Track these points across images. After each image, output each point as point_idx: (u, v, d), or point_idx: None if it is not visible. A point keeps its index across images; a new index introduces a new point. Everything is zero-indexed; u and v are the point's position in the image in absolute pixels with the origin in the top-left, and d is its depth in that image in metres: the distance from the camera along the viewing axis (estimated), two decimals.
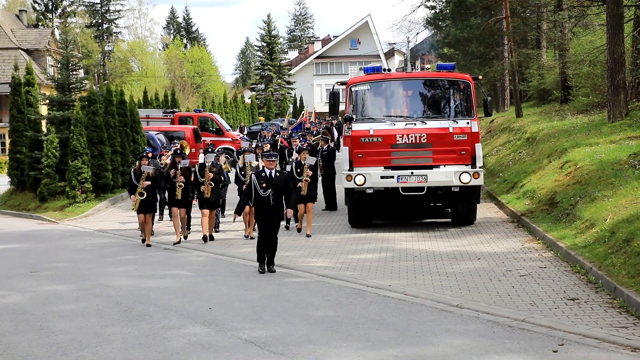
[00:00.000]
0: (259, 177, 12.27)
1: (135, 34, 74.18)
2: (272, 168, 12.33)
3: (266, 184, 12.18)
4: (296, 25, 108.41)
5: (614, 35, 19.88)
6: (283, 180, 12.47)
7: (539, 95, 34.10)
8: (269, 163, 12.42)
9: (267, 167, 12.38)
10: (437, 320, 9.07)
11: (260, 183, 12.20)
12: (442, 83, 16.32)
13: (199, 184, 15.62)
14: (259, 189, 12.17)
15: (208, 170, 15.58)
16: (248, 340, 8.42)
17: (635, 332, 8.18)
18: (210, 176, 15.55)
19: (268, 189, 12.17)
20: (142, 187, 15.53)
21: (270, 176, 12.27)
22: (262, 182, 12.20)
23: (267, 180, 12.22)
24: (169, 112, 36.69)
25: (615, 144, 17.12)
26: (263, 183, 12.19)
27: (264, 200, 12.20)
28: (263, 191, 12.17)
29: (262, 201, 12.22)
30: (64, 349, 8.32)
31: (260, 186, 12.17)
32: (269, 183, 12.20)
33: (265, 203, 12.19)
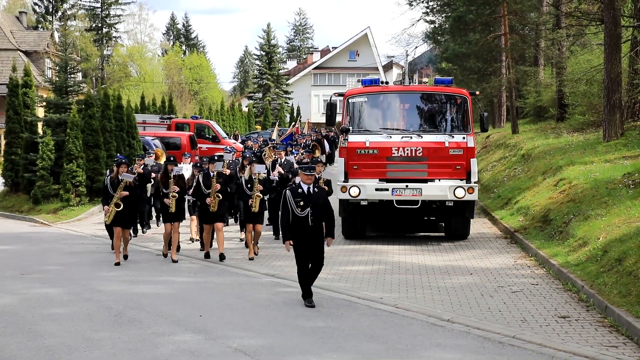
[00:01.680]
0: (294, 193, 10.52)
1: (135, 39, 74.25)
2: (311, 183, 10.58)
3: (304, 202, 10.44)
4: (295, 36, 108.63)
5: (611, 55, 19.98)
6: (322, 197, 10.72)
7: (535, 112, 34.21)
8: (307, 178, 10.58)
9: (305, 182, 10.57)
10: (428, 334, 9.06)
11: (297, 201, 10.45)
12: (439, 97, 16.36)
13: (203, 195, 14.24)
14: (295, 207, 10.42)
15: (215, 180, 14.18)
16: (238, 349, 8.39)
17: (625, 352, 8.18)
18: (218, 187, 14.13)
19: (306, 208, 10.44)
20: (119, 197, 13.97)
21: (309, 193, 10.53)
22: (299, 199, 10.46)
23: (305, 197, 10.48)
24: (166, 118, 36.65)
25: (610, 163, 17.17)
26: (300, 201, 10.44)
27: (301, 221, 10.46)
28: (300, 210, 10.43)
29: (299, 222, 10.48)
30: (52, 353, 8.28)
31: (297, 204, 10.43)
32: (307, 201, 10.46)
33: (303, 224, 10.46)
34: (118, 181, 14.08)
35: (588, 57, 26.69)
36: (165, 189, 14.27)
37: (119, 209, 13.94)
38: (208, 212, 14.21)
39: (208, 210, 14.17)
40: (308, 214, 10.46)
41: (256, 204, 14.20)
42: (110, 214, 14.01)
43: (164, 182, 14.35)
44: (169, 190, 14.16)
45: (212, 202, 14.06)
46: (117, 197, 13.98)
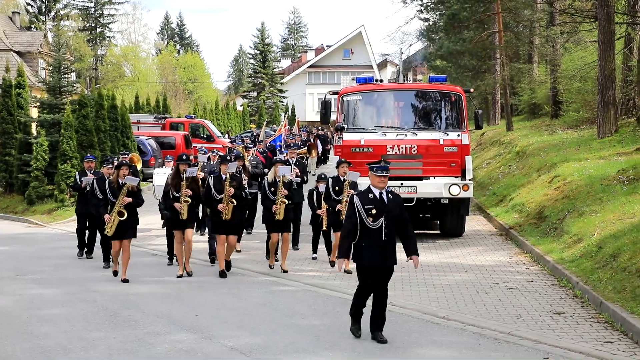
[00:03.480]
0: (364, 199, 8.60)
1: (129, 39, 74.04)
2: (384, 187, 8.67)
3: (377, 211, 8.54)
4: (290, 34, 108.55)
5: (605, 52, 20.03)
6: (399, 205, 8.73)
7: (529, 109, 34.30)
8: (379, 180, 8.61)
9: (377, 185, 8.64)
10: (424, 331, 9.07)
11: (368, 209, 8.54)
12: (433, 95, 16.37)
13: (215, 201, 12.47)
14: (366, 217, 8.54)
15: (228, 184, 12.42)
16: (234, 348, 8.39)
17: (620, 347, 8.20)
18: (232, 192, 12.37)
19: (379, 218, 8.54)
20: (122, 204, 12.11)
21: (382, 199, 8.59)
22: (370, 207, 8.55)
23: (378, 204, 8.56)
24: (160, 118, 36.63)
25: (604, 159, 17.21)
26: (372, 209, 8.55)
27: (373, 233, 8.53)
28: (372, 221, 8.53)
29: (370, 235, 8.55)
30: (47, 353, 8.26)
31: (368, 213, 8.53)
32: (380, 209, 8.55)
33: (375, 238, 8.55)
34: (119, 186, 12.22)
35: (582, 54, 26.76)
36: (177, 192, 12.50)
37: (122, 218, 12.09)
38: (221, 221, 12.48)
39: (221, 218, 12.46)
40: (382, 225, 8.53)
41: (281, 211, 12.67)
42: (113, 225, 12.12)
43: (175, 184, 12.53)
44: (181, 193, 12.46)
45: (226, 209, 12.37)
46: (119, 205, 12.08)
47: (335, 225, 12.61)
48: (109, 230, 12.19)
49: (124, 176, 12.22)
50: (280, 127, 31.82)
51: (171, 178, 12.69)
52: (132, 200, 12.17)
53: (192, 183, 12.60)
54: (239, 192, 12.55)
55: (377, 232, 8.53)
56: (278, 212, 12.64)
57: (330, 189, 12.93)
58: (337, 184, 12.90)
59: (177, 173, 12.60)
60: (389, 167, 8.83)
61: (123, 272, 12.34)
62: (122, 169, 12.31)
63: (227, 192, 12.33)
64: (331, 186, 12.94)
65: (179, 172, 12.57)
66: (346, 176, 12.77)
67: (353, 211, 8.62)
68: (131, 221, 12.32)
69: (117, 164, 12.78)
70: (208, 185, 12.55)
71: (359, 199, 8.65)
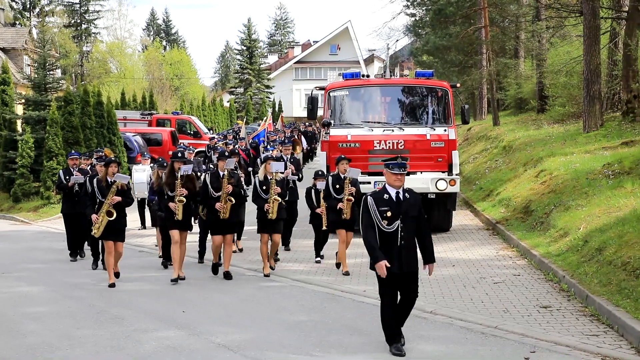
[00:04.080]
0: (379, 201, 7.76)
1: (115, 35, 73.65)
2: (400, 186, 7.83)
3: (392, 213, 7.71)
4: (276, 30, 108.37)
5: (591, 47, 20.12)
6: (417, 206, 7.89)
7: (516, 104, 34.42)
8: (396, 179, 7.77)
9: (393, 184, 7.80)
10: (411, 326, 9.07)
11: (383, 211, 7.72)
12: (420, 90, 16.39)
13: (210, 199, 11.87)
14: (380, 221, 7.72)
15: (226, 181, 11.83)
16: (221, 344, 8.38)
17: (605, 340, 8.25)
18: (230, 189, 11.77)
19: (395, 221, 7.73)
20: (111, 203, 11.48)
21: (398, 199, 7.78)
22: (385, 209, 7.72)
23: (395, 205, 7.75)
24: (147, 114, 36.51)
25: (590, 154, 17.29)
26: (387, 211, 7.71)
27: (389, 238, 7.76)
28: (387, 224, 7.74)
29: (386, 240, 7.77)
30: (33, 351, 8.22)
31: (383, 216, 7.71)
32: (396, 211, 7.73)
33: (391, 243, 7.77)
34: (107, 184, 11.57)
35: (568, 48, 26.86)
36: (171, 191, 11.81)
37: (111, 218, 11.42)
38: (218, 221, 11.85)
39: (218, 218, 11.82)
40: (398, 228, 7.75)
41: (274, 210, 11.96)
42: (101, 225, 11.45)
43: (170, 183, 11.85)
44: (176, 192, 11.74)
45: (224, 208, 11.73)
46: (108, 204, 11.45)
47: (337, 224, 12.27)
48: (96, 231, 11.50)
49: (113, 174, 11.60)
50: (263, 123, 31.34)
51: (165, 177, 11.98)
52: (121, 200, 11.56)
53: (187, 182, 11.85)
54: (238, 189, 11.96)
55: (393, 237, 7.73)
56: (271, 211, 11.95)
57: (331, 187, 12.44)
58: (338, 181, 12.41)
59: (172, 171, 11.87)
60: (405, 163, 7.89)
61: (111, 274, 11.71)
62: (111, 166, 11.65)
63: (225, 190, 11.72)
64: (331, 184, 12.46)
65: (173, 171, 11.84)
66: (347, 173, 12.31)
67: (368, 215, 7.75)
68: (120, 222, 11.66)
69: (106, 160, 12.06)
70: (205, 182, 11.97)
71: (373, 200, 7.77)
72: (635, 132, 18.43)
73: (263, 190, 12.09)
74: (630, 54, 19.86)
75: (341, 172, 12.46)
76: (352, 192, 12.22)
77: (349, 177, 12.27)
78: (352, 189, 12.22)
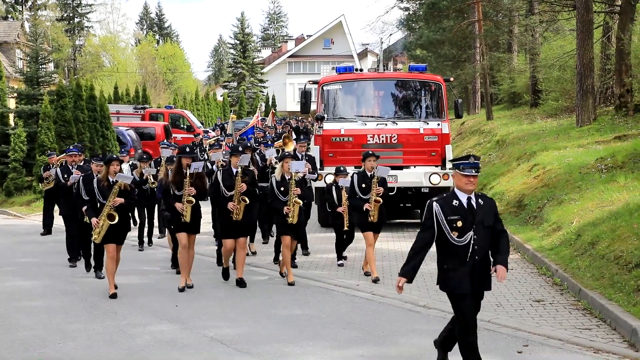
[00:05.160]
0: (447, 207, 6.55)
1: (107, 29, 73.35)
2: (472, 191, 6.61)
3: (464, 223, 6.51)
4: (270, 24, 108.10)
5: (584, 41, 20.14)
6: (492, 213, 6.69)
7: (509, 98, 34.46)
8: (468, 181, 6.55)
9: (464, 188, 6.59)
10: (404, 320, 9.10)
11: (453, 221, 6.51)
12: (413, 84, 16.41)
13: (223, 199, 10.82)
14: (449, 232, 6.53)
15: (240, 179, 10.80)
16: (214, 338, 8.37)
17: (598, 334, 8.27)
18: (244, 188, 10.74)
19: (467, 232, 6.51)
20: (113, 205, 10.33)
21: (471, 206, 6.57)
22: (455, 218, 6.51)
23: (466, 214, 6.54)
24: (140, 108, 36.40)
25: (583, 148, 17.32)
26: (457, 220, 6.51)
27: (459, 252, 6.57)
28: (458, 236, 6.52)
29: (456, 255, 6.60)
30: (26, 346, 8.20)
31: (453, 227, 6.51)
32: (469, 221, 6.52)
33: (462, 258, 6.58)
34: (109, 184, 10.44)
35: (561, 43, 26.92)
36: (178, 190, 10.69)
37: (113, 222, 10.27)
38: (230, 222, 10.84)
39: (230, 219, 10.83)
40: (470, 240, 6.54)
41: (295, 214, 10.95)
42: (102, 230, 10.36)
43: (177, 181, 10.73)
44: (184, 192, 10.65)
45: (237, 208, 10.71)
46: (110, 207, 10.31)
47: (363, 226, 11.26)
48: (96, 237, 10.42)
49: (115, 173, 10.48)
50: (253, 119, 29.95)
51: (172, 174, 10.80)
52: (124, 201, 10.44)
53: (196, 180, 10.73)
54: (252, 188, 10.90)
55: (464, 250, 6.53)
56: (291, 214, 10.93)
57: (356, 186, 11.34)
58: (364, 180, 11.33)
59: (180, 168, 10.71)
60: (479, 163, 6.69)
61: (111, 285, 10.60)
62: (113, 165, 10.53)
63: (239, 189, 10.68)
64: (356, 183, 11.35)
65: (181, 168, 10.69)
66: (374, 171, 11.25)
67: (431, 223, 6.56)
68: (123, 225, 10.57)
69: (107, 158, 10.90)
70: (216, 180, 10.91)
71: (439, 207, 6.55)
72: (628, 126, 18.48)
73: (281, 191, 11.05)
74: (623, 48, 19.89)
75: (368, 170, 11.34)
76: (379, 193, 11.19)
77: (376, 176, 11.24)
78: (379, 189, 11.19)
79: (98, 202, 10.49)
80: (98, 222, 10.35)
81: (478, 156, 6.82)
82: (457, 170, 6.62)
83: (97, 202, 10.51)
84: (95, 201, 10.54)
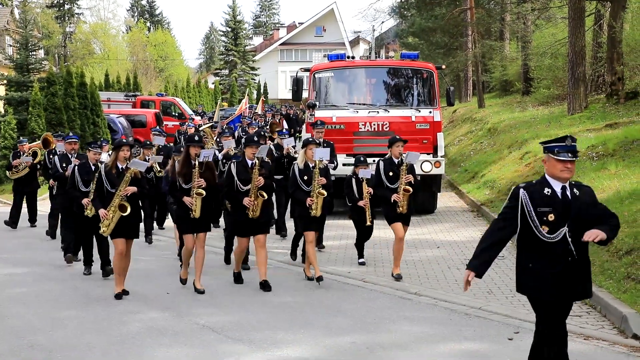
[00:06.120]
0: (536, 198, 5.57)
1: (98, 16, 72.94)
2: (568, 179, 5.62)
3: (557, 216, 5.53)
4: (262, 11, 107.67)
5: (576, 29, 20.14)
6: (591, 204, 5.68)
7: (501, 86, 34.50)
8: (563, 168, 5.57)
9: (558, 176, 5.59)
10: (395, 307, 9.11)
11: (543, 214, 5.54)
12: (405, 72, 16.38)
13: (239, 193, 9.77)
14: (538, 226, 5.56)
15: (257, 172, 9.74)
16: (205, 325, 8.36)
17: (588, 321, 8.31)
18: (261, 182, 9.69)
19: (561, 227, 5.53)
20: (124, 195, 9.45)
21: (565, 197, 5.58)
22: (546, 210, 5.53)
23: (560, 206, 5.55)
24: (131, 96, 36.24)
25: (574, 135, 17.35)
26: (549, 213, 5.53)
27: (551, 251, 5.58)
28: (548, 231, 5.54)
29: (545, 253, 5.60)
30: (17, 333, 8.17)
31: (543, 220, 5.55)
32: (563, 214, 5.54)
33: (554, 257, 5.58)
34: (118, 172, 9.58)
35: (553, 30, 26.91)
36: (186, 183, 9.64)
37: (125, 213, 9.42)
38: (245, 219, 9.79)
39: (245, 215, 9.76)
40: (565, 237, 5.53)
41: (318, 206, 10.14)
42: (112, 222, 9.49)
43: (184, 172, 9.64)
44: (192, 184, 9.59)
45: (254, 204, 9.68)
46: (121, 197, 9.43)
47: (391, 218, 10.33)
48: (105, 229, 9.54)
49: (125, 159, 9.60)
50: (239, 108, 29.39)
51: (180, 165, 9.72)
52: (136, 190, 9.55)
53: (207, 171, 9.71)
54: (269, 182, 9.89)
55: (557, 249, 5.52)
56: (315, 206, 10.10)
57: (382, 174, 10.32)
58: (391, 167, 10.28)
59: (187, 159, 9.62)
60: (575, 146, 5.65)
61: (121, 282, 9.75)
62: (123, 150, 9.62)
63: (256, 183, 9.66)
64: (383, 171, 10.32)
65: (189, 158, 9.61)
66: (404, 157, 10.21)
67: (515, 214, 5.62)
68: (136, 216, 9.78)
69: (117, 143, 10.05)
70: (230, 173, 9.86)
71: (527, 195, 5.57)
72: (620, 114, 18.52)
73: (304, 181, 10.17)
74: (614, 36, 19.90)
75: (395, 157, 10.31)
76: (409, 181, 10.15)
77: (406, 163, 10.18)
78: (409, 177, 10.14)
79: (106, 190, 9.60)
80: (107, 214, 9.46)
81: (575, 137, 5.76)
82: (550, 154, 5.60)
83: (104, 192, 9.61)
84: (102, 191, 9.63)
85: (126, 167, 9.54)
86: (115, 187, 9.49)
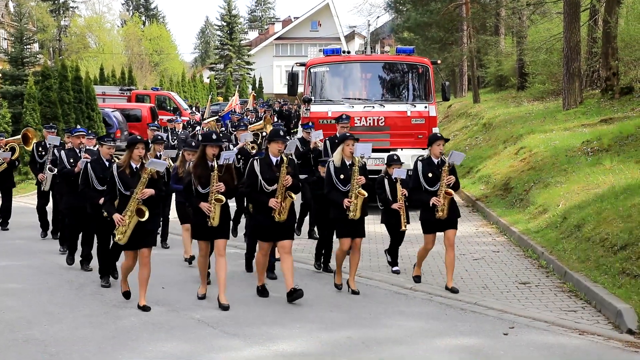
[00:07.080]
0: None
1: (93, 10, 72.84)
2: None
3: None
4: (257, 5, 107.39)
5: (571, 24, 20.16)
6: None
7: (496, 81, 34.50)
8: None
9: None
10: (391, 302, 9.12)
11: None
12: (400, 66, 16.39)
13: (263, 194, 8.77)
14: None
15: (285, 170, 8.73)
16: (201, 320, 8.36)
17: (583, 316, 8.33)
18: (289, 182, 8.73)
19: None
20: (141, 198, 8.45)
21: None
22: None
23: None
24: (126, 90, 36.17)
25: (569, 131, 17.38)
26: None
27: None
28: None
29: None
30: (11, 327, 8.15)
31: None
32: None
33: None
34: (131, 172, 8.60)
35: (548, 25, 26.92)
36: (203, 187, 8.63)
37: (142, 218, 8.46)
38: (270, 223, 8.83)
39: (271, 219, 8.79)
40: None
41: (357, 207, 9.17)
42: (129, 228, 8.52)
43: (200, 174, 8.62)
44: (211, 189, 8.59)
45: (282, 207, 8.74)
46: (138, 200, 8.45)
47: (430, 225, 9.47)
48: (121, 237, 8.54)
49: (140, 157, 8.63)
50: (229, 104, 28.89)
51: (194, 167, 8.68)
52: (154, 193, 8.55)
53: (226, 174, 8.64)
54: (297, 181, 8.88)
55: None
56: (353, 208, 9.16)
57: (421, 175, 9.34)
58: (431, 168, 9.31)
59: (204, 159, 8.61)
60: None
61: (142, 295, 8.79)
62: (138, 148, 8.59)
63: (284, 183, 8.72)
64: (421, 172, 9.34)
65: (205, 159, 8.60)
66: (446, 157, 9.30)
67: None
68: (153, 221, 8.77)
69: (130, 140, 8.82)
70: (253, 172, 8.79)
71: None
72: (614, 109, 18.54)
73: (341, 180, 9.19)
74: (609, 31, 19.91)
75: (434, 156, 9.33)
76: (450, 183, 9.19)
77: (448, 163, 9.21)
78: (451, 179, 9.18)
79: (119, 192, 8.65)
80: (123, 219, 8.48)
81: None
82: None
83: (116, 194, 8.66)
84: (114, 193, 8.66)
85: (141, 166, 8.58)
86: (129, 189, 8.53)
